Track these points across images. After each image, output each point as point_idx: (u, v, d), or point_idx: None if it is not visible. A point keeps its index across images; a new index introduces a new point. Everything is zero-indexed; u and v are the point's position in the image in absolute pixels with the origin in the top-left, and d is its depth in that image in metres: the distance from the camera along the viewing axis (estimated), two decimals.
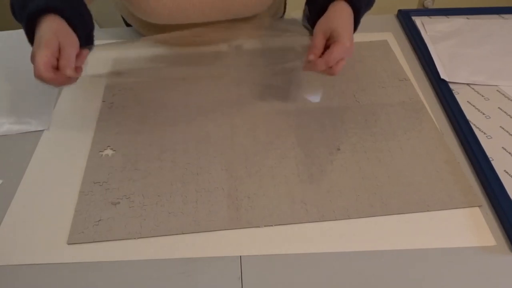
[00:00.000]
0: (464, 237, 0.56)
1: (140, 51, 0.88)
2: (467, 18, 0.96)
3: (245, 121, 0.72)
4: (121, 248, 0.55)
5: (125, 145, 0.68)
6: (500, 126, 0.71)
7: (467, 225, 0.57)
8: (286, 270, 0.53)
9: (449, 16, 0.97)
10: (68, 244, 0.56)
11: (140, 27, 0.90)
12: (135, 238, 0.56)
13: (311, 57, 0.60)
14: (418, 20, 0.95)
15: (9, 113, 0.75)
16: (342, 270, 0.53)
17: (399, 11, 0.98)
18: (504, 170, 0.63)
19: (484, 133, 0.69)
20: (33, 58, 0.55)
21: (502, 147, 0.67)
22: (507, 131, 0.70)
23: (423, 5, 2.00)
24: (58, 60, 0.56)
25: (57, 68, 0.56)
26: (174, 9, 0.76)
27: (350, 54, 0.61)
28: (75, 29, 0.60)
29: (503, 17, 0.97)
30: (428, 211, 0.58)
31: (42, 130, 0.71)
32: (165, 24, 0.81)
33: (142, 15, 0.79)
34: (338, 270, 0.53)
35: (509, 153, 0.66)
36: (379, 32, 0.93)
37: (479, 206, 0.59)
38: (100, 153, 0.67)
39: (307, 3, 0.71)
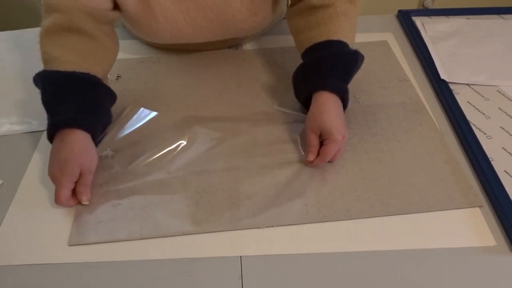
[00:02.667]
0: (465, 237, 0.56)
1: (140, 52, 0.88)
2: (467, 18, 0.96)
3: (246, 122, 0.72)
4: (122, 248, 0.55)
5: (126, 146, 0.68)
6: (500, 126, 0.71)
7: (468, 225, 0.57)
8: (286, 270, 0.53)
9: (449, 16, 0.97)
10: (69, 245, 0.56)
11: (139, 38, 0.90)
12: (136, 239, 0.56)
13: (311, 157, 0.63)
14: (418, 20, 0.95)
15: (9, 113, 0.75)
16: (342, 270, 0.53)
17: (399, 11, 0.98)
18: (504, 170, 0.63)
19: (484, 133, 0.69)
20: (56, 181, 0.58)
21: (502, 147, 0.67)
22: (507, 131, 0.70)
23: (423, 5, 2.00)
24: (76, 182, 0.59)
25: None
26: (176, 33, 0.77)
27: (344, 143, 0.64)
28: (94, 137, 0.63)
29: (503, 17, 0.97)
30: (428, 211, 0.58)
31: (43, 130, 0.71)
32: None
33: (145, 38, 0.81)
34: (339, 270, 0.53)
35: (509, 153, 0.66)
36: (379, 32, 0.93)
37: (480, 207, 0.59)
38: (100, 154, 0.67)
39: (294, 93, 0.72)
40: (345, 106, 0.67)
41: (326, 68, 0.65)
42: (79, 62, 0.64)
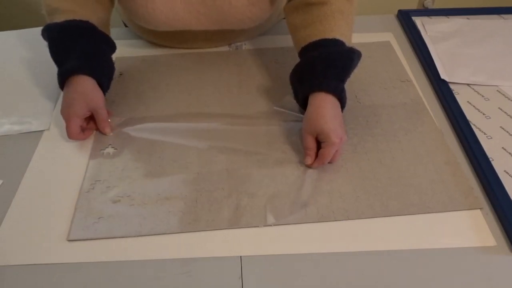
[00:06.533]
0: (465, 238, 0.56)
1: (142, 51, 0.88)
2: (467, 18, 0.96)
3: (246, 121, 0.72)
4: (122, 248, 0.55)
5: (127, 143, 0.68)
6: (500, 126, 0.71)
7: (468, 226, 0.57)
8: (286, 270, 0.53)
9: (449, 16, 0.97)
10: (68, 240, 0.56)
11: (139, 32, 0.90)
12: (135, 236, 0.56)
13: (308, 160, 0.63)
14: (418, 21, 0.95)
15: (9, 113, 0.75)
16: (341, 270, 0.53)
17: (399, 11, 0.98)
18: (504, 171, 0.63)
19: (484, 133, 0.69)
20: (65, 117, 0.67)
21: (502, 147, 0.67)
22: (507, 131, 0.70)
23: (423, 5, 2.00)
24: (88, 121, 0.70)
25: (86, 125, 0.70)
26: (172, 17, 0.77)
27: (342, 145, 0.63)
28: (101, 84, 0.70)
29: (503, 17, 0.97)
30: (428, 212, 0.58)
31: (43, 130, 0.71)
32: (163, 30, 0.81)
33: (140, 22, 0.80)
34: (338, 270, 0.53)
35: (509, 153, 0.66)
36: (379, 32, 0.93)
37: (480, 209, 0.59)
38: (102, 151, 0.67)
39: (293, 94, 0.72)
40: (343, 106, 0.66)
41: (321, 68, 0.65)
42: (77, 10, 0.70)
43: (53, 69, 0.68)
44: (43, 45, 0.70)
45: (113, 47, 0.75)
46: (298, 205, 0.59)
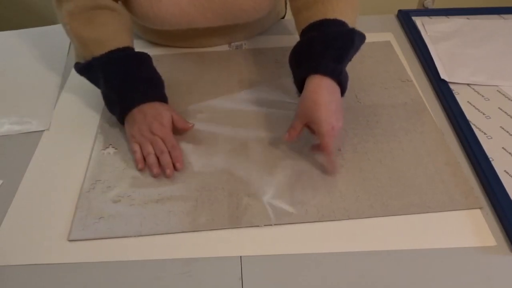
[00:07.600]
0: (465, 238, 0.56)
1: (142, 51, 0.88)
2: (467, 18, 0.96)
3: (247, 121, 0.72)
4: (122, 248, 0.55)
5: (127, 143, 0.68)
6: (500, 126, 0.71)
7: (468, 226, 0.57)
8: (286, 270, 0.53)
9: (449, 16, 0.97)
10: (69, 240, 0.56)
11: (139, 32, 0.90)
12: (135, 236, 0.56)
13: (286, 137, 0.63)
14: (418, 20, 0.95)
15: (9, 113, 0.75)
16: (342, 270, 0.53)
17: (399, 11, 0.98)
18: (504, 170, 0.63)
19: (484, 133, 0.69)
20: (145, 139, 0.65)
21: (502, 147, 0.67)
22: (507, 131, 0.70)
23: (423, 5, 2.00)
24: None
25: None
26: (177, 14, 0.76)
27: (337, 131, 0.60)
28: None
29: (503, 17, 0.97)
30: (428, 212, 0.58)
31: (43, 130, 0.71)
32: (166, 29, 0.81)
33: (144, 21, 0.80)
34: (338, 270, 0.53)
35: (509, 153, 0.66)
36: (379, 32, 0.93)
37: (480, 208, 0.59)
38: (102, 151, 0.67)
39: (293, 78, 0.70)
40: (343, 89, 0.64)
41: (320, 49, 0.62)
42: (119, 39, 0.69)
43: (54, 69, 0.68)
44: (43, 45, 0.70)
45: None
46: (298, 205, 0.59)
